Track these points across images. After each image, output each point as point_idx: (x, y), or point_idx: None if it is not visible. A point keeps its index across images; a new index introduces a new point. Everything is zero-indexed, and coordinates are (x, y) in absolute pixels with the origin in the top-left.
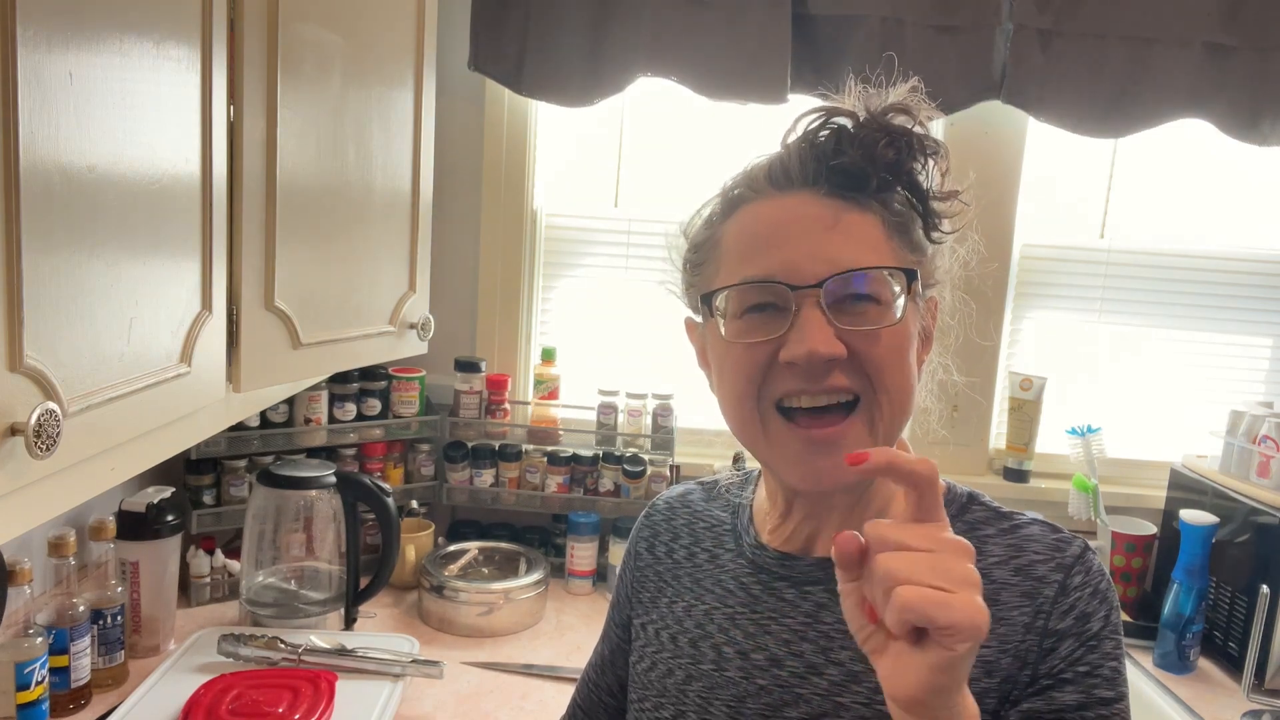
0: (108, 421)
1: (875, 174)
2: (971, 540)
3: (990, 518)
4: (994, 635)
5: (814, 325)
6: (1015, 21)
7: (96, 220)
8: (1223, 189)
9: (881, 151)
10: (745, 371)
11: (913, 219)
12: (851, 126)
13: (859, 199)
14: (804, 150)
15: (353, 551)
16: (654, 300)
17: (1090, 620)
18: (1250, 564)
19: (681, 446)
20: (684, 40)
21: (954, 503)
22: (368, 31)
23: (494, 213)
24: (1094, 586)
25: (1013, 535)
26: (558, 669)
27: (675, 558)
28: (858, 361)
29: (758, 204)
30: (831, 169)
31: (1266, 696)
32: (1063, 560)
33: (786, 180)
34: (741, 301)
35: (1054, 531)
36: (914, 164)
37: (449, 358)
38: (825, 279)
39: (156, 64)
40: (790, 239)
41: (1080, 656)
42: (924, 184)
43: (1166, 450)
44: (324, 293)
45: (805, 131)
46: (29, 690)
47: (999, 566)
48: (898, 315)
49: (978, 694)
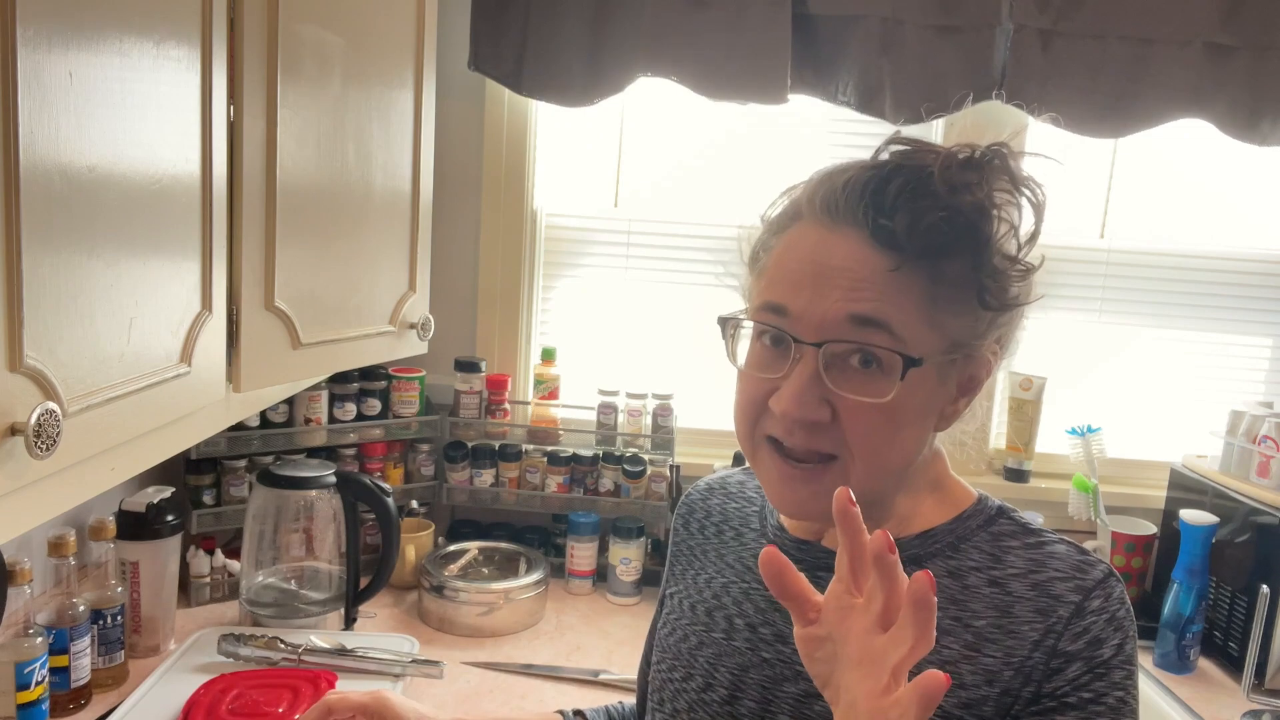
0: (108, 421)
1: (913, 248)
2: (995, 551)
3: (1017, 531)
4: (1000, 646)
5: (800, 385)
6: (1015, 21)
7: (96, 220)
8: (1223, 189)
9: (932, 226)
10: (745, 402)
11: (966, 283)
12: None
13: (899, 256)
14: (862, 189)
15: (353, 551)
16: (654, 300)
17: (1102, 646)
18: (1250, 564)
19: (681, 446)
20: (684, 40)
21: (981, 514)
22: (368, 32)
23: (494, 213)
24: (1112, 614)
25: (1037, 551)
26: (558, 669)
27: (706, 534)
28: (841, 426)
29: (809, 228)
30: (877, 224)
31: (1266, 696)
32: (1083, 582)
33: (838, 214)
34: (759, 328)
35: (1080, 553)
36: (975, 239)
37: (449, 358)
38: (824, 341)
39: (156, 64)
40: (809, 286)
41: (1086, 683)
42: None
43: (1166, 450)
44: (324, 293)
45: (877, 165)
46: (29, 690)
47: (1017, 579)
48: (889, 394)
49: (975, 701)
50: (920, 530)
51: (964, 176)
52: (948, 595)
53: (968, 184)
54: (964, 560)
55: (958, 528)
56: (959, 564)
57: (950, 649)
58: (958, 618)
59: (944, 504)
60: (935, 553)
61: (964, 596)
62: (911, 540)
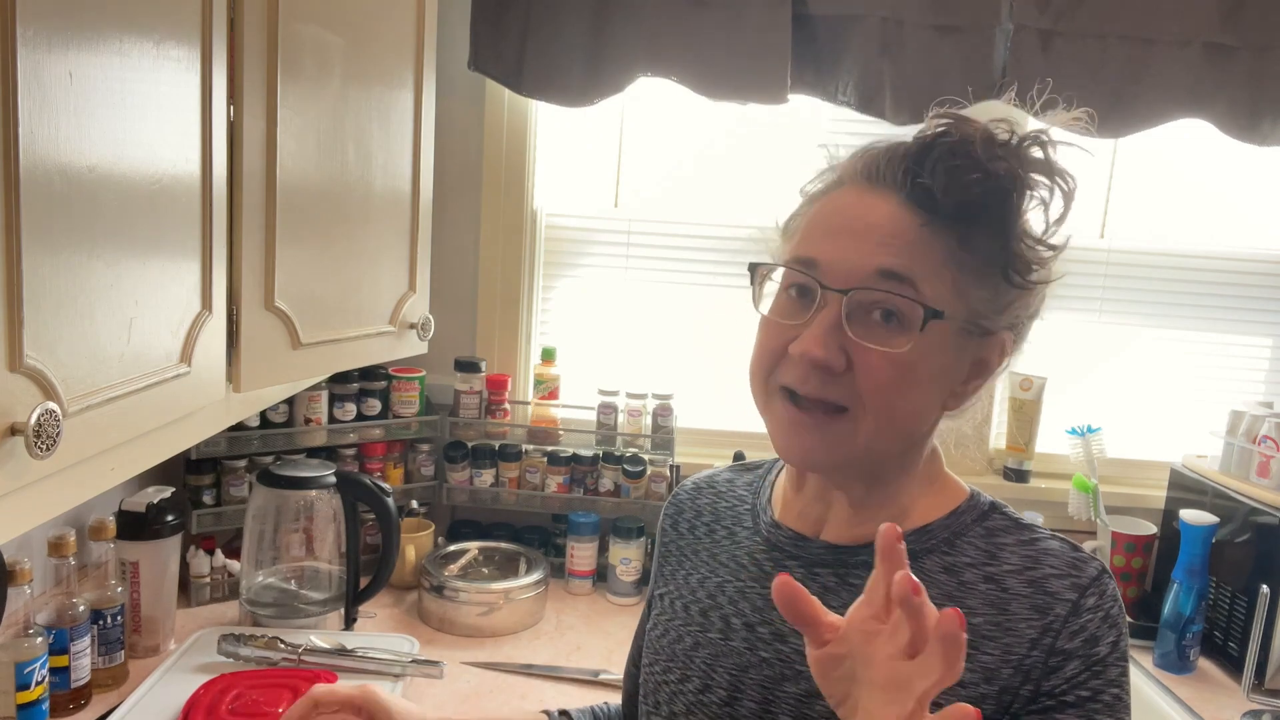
0: (108, 421)
1: (947, 206)
2: (990, 547)
3: (1010, 527)
4: (998, 644)
5: (821, 328)
6: (1015, 21)
7: (96, 220)
8: (1223, 189)
9: (967, 187)
10: (763, 351)
11: (993, 255)
12: (970, 142)
13: (933, 220)
14: (905, 153)
15: (353, 551)
16: (654, 300)
17: (1098, 644)
18: (1250, 564)
19: (681, 446)
20: (684, 40)
21: (974, 509)
22: (368, 31)
23: (494, 213)
24: (1106, 611)
25: (1031, 547)
26: (558, 669)
27: (696, 534)
28: (855, 376)
29: (848, 190)
30: (915, 184)
31: (1266, 696)
32: (1079, 580)
33: (878, 177)
34: (786, 280)
35: (1074, 550)
36: (1006, 207)
37: (449, 358)
38: (850, 289)
39: (156, 64)
40: (846, 238)
41: (1084, 681)
42: (1018, 227)
43: (1166, 450)
44: (324, 293)
45: (920, 136)
46: (29, 690)
47: (1013, 575)
48: (905, 346)
49: (974, 699)
50: (917, 525)
51: (1004, 150)
52: (944, 592)
53: (1005, 156)
54: (959, 556)
55: (953, 523)
56: (954, 560)
57: None
58: None
59: (939, 499)
60: (931, 548)
61: (960, 593)
62: (908, 536)
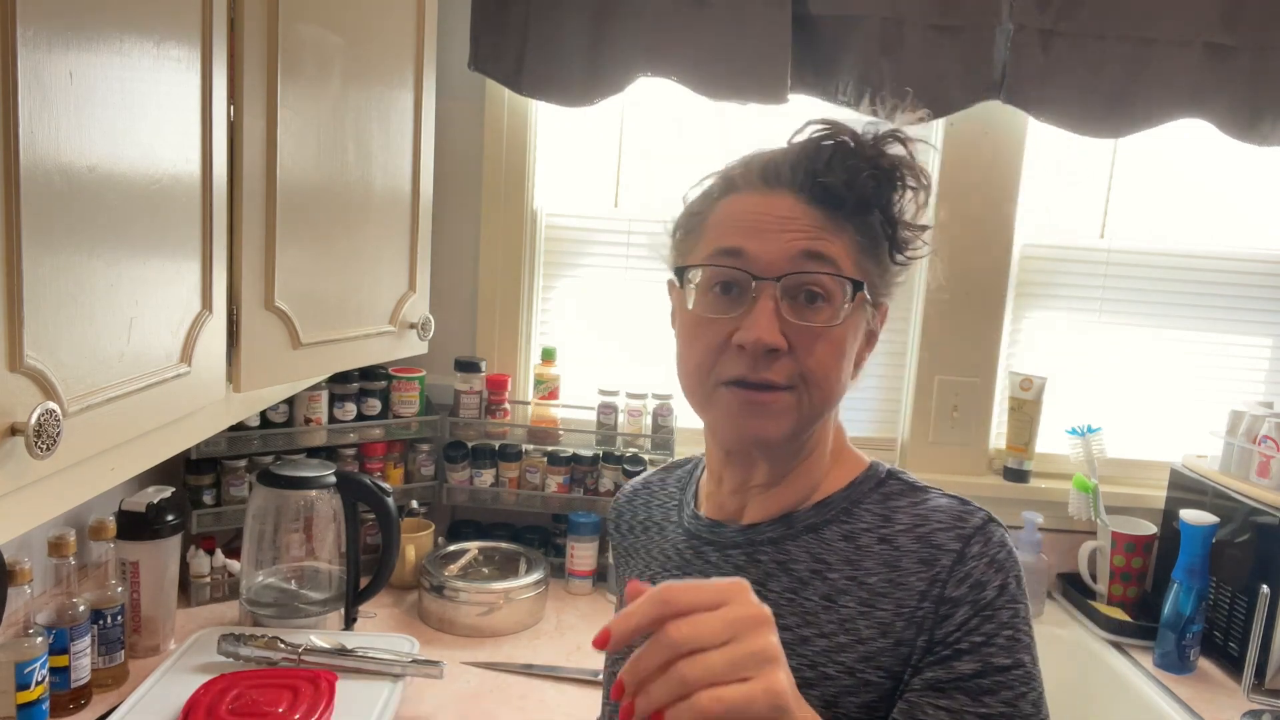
0: (108, 421)
1: (850, 199)
2: (885, 511)
3: (905, 490)
4: (891, 599)
5: (765, 315)
6: (1015, 21)
7: (97, 220)
8: (1223, 189)
9: (863, 181)
10: (702, 350)
11: (881, 238)
12: (852, 142)
13: (833, 213)
14: (797, 158)
15: (353, 551)
16: (654, 300)
17: (985, 589)
18: (1250, 564)
19: (681, 446)
20: (684, 40)
21: (871, 479)
22: (368, 31)
23: (494, 213)
24: (991, 556)
25: (922, 506)
26: (558, 669)
27: (635, 534)
28: (795, 357)
29: (747, 195)
30: (816, 183)
31: (1266, 696)
32: (963, 530)
33: (776, 180)
34: (711, 278)
35: (962, 505)
36: (891, 196)
37: (449, 358)
38: (783, 275)
39: (157, 64)
40: (764, 232)
41: (976, 626)
42: (899, 212)
43: (1166, 450)
44: (324, 292)
45: (806, 141)
46: (29, 690)
47: (904, 534)
48: (839, 318)
49: (872, 654)
50: (817, 500)
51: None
52: (843, 557)
53: (882, 151)
54: (857, 523)
55: (851, 493)
56: (852, 527)
57: (848, 608)
58: (853, 577)
59: (840, 473)
60: (830, 519)
61: (858, 556)
62: (809, 511)
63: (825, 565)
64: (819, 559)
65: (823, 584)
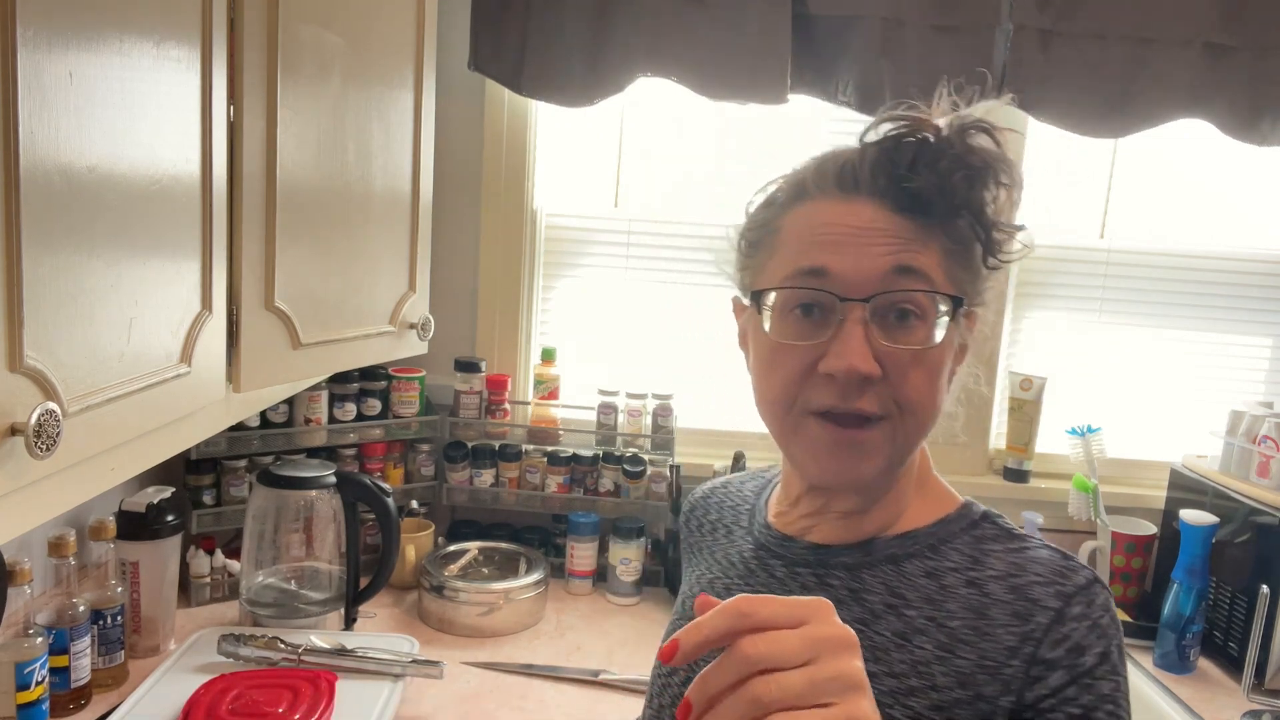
0: (108, 421)
1: (941, 204)
2: (975, 554)
3: (1000, 536)
4: (973, 649)
5: (855, 340)
6: (1015, 21)
7: (97, 220)
8: (1223, 189)
9: (955, 183)
10: (784, 380)
11: (973, 243)
12: (926, 147)
13: (920, 220)
14: (877, 161)
15: (353, 551)
16: (654, 300)
17: (1084, 655)
18: (1250, 564)
19: (681, 446)
20: (684, 40)
21: (964, 518)
22: (368, 31)
23: (494, 213)
24: (1094, 620)
25: (1019, 554)
26: (558, 669)
27: (703, 532)
28: (890, 384)
29: (822, 202)
30: (901, 188)
31: (1266, 696)
32: (1063, 588)
33: (854, 186)
34: (790, 299)
35: (1064, 560)
36: (984, 196)
37: (449, 358)
38: (873, 295)
39: (156, 64)
40: (846, 247)
41: (1073, 696)
42: (993, 212)
43: (1166, 450)
44: (324, 293)
45: (883, 140)
46: (29, 690)
47: (995, 580)
48: (937, 338)
49: (948, 703)
50: (901, 532)
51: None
52: (923, 595)
53: (970, 147)
54: (942, 561)
55: (940, 530)
56: (937, 564)
57: (923, 649)
58: (932, 617)
59: (928, 506)
60: (914, 553)
61: (940, 596)
62: (891, 540)
63: (902, 600)
64: (896, 593)
65: (897, 620)
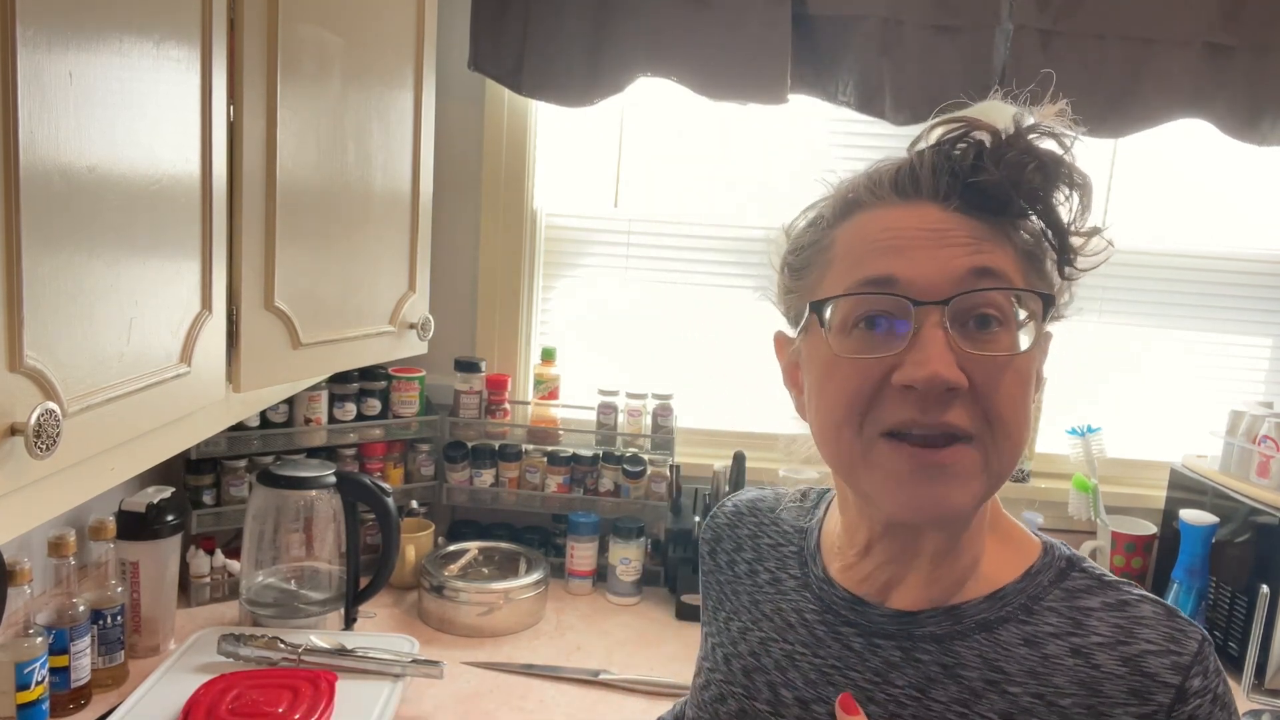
0: (108, 421)
1: (1017, 198)
2: (1075, 615)
3: (1094, 587)
4: None
5: (937, 346)
6: (1015, 21)
7: (96, 220)
8: (1223, 189)
9: (1029, 176)
10: (850, 394)
11: (1045, 251)
12: (990, 143)
13: (991, 221)
14: (938, 160)
15: (353, 551)
16: (654, 300)
17: None
18: (1250, 564)
19: (681, 446)
20: (684, 40)
21: (1051, 568)
22: (368, 31)
23: (494, 213)
24: (1214, 692)
25: (1121, 613)
26: (558, 669)
27: (736, 570)
28: (977, 396)
29: (878, 210)
30: (968, 186)
31: (1266, 696)
32: (1180, 658)
33: (914, 189)
34: (852, 312)
35: (1170, 618)
36: (1056, 195)
37: (449, 358)
38: (951, 295)
39: (156, 64)
40: (913, 248)
41: None
42: (1071, 215)
43: (1166, 450)
44: (324, 293)
45: (941, 141)
46: (29, 690)
47: (1103, 649)
48: (1024, 344)
49: None
50: (989, 590)
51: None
52: (1026, 668)
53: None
54: (1040, 625)
55: (1028, 586)
56: (1035, 629)
57: None
58: (1039, 695)
59: (1008, 553)
60: (1008, 617)
61: (1045, 670)
62: (979, 603)
63: (1003, 675)
64: (995, 666)
65: (1001, 699)
